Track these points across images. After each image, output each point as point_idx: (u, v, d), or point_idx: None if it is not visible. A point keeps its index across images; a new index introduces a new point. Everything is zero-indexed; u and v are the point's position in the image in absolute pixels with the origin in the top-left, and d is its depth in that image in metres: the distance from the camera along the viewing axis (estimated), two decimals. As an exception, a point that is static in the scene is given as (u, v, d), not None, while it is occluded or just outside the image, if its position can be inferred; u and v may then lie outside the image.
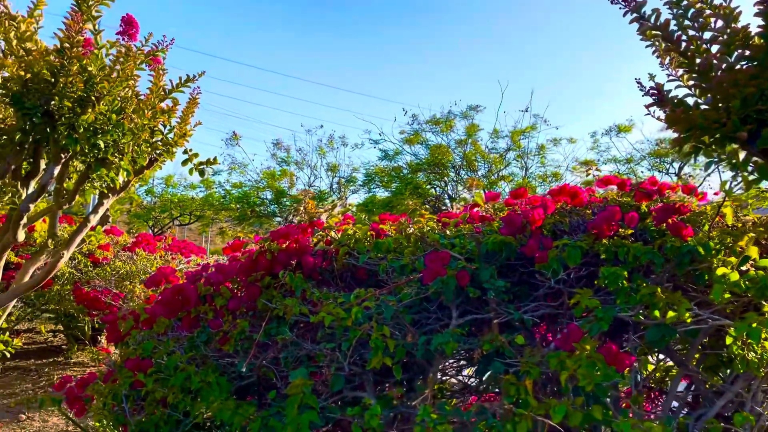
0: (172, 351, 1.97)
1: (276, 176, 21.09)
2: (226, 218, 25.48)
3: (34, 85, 2.54)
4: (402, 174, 18.48)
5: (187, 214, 25.72)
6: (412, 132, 18.33)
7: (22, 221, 2.83)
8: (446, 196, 18.57)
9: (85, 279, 4.49)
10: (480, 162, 17.70)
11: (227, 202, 22.64)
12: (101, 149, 2.68)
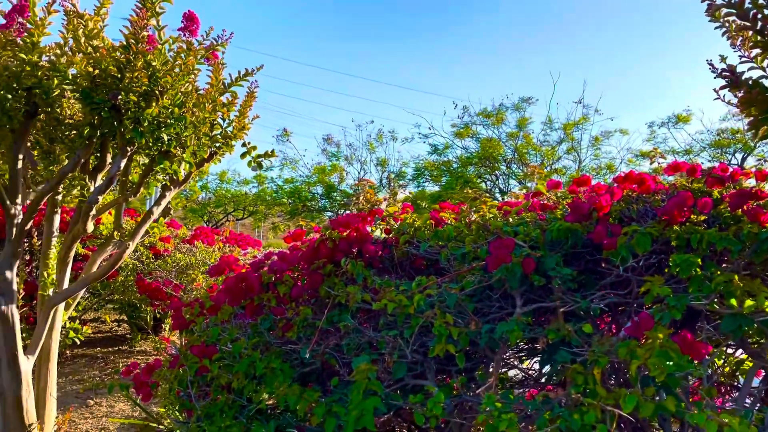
0: (236, 338, 2.01)
1: (326, 171, 21.30)
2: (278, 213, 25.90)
3: (102, 81, 2.63)
4: (452, 168, 18.36)
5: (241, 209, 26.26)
6: (463, 125, 18.18)
7: (91, 213, 2.93)
8: (497, 190, 18.37)
9: (147, 270, 4.64)
10: (532, 155, 17.42)
11: (279, 197, 23.01)
12: (165, 142, 2.75)
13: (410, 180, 20.39)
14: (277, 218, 27.87)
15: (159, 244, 4.76)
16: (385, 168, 21.08)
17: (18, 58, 2.55)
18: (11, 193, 2.91)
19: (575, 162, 17.55)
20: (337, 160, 21.63)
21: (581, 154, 17.47)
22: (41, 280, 3.30)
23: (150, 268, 4.66)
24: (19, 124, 2.71)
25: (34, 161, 3.14)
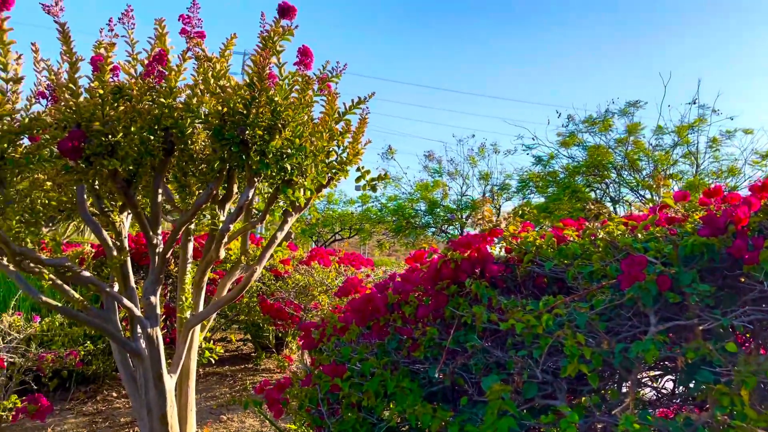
0: (365, 357, 2.09)
1: (429, 187, 21.41)
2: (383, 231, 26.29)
3: (230, 118, 2.84)
4: (558, 178, 17.88)
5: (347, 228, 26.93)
6: (568, 134, 17.68)
7: (223, 240, 3.15)
8: (608, 199, 17.66)
9: (269, 291, 4.88)
10: (644, 161, 16.62)
11: (384, 215, 23.38)
12: (288, 171, 2.92)
13: (515, 192, 20.06)
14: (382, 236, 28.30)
15: (279, 266, 5.00)
16: (488, 181, 20.88)
17: (158, 103, 2.81)
18: (153, 224, 3.18)
19: (692, 166, 16.56)
20: (439, 176, 21.69)
21: (698, 158, 16.45)
22: (179, 303, 3.57)
23: (272, 290, 4.90)
24: (159, 161, 2.97)
25: (170, 195, 3.42)
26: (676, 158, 16.58)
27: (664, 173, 16.20)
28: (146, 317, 3.20)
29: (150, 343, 3.21)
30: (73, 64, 2.73)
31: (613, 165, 16.80)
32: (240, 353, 5.74)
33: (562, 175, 17.83)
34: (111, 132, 2.73)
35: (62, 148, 2.63)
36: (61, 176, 3.07)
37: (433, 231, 22.31)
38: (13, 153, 2.75)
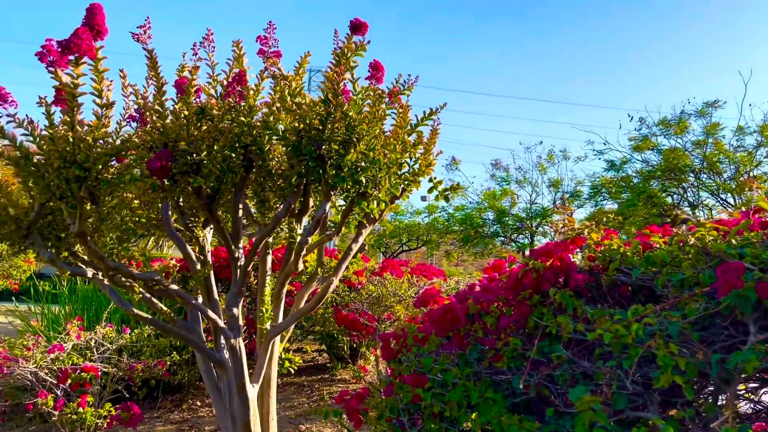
0: (446, 368, 2.09)
1: (497, 196, 21.16)
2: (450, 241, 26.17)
3: (307, 134, 2.91)
4: (632, 183, 17.30)
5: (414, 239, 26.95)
6: (641, 138, 17.10)
7: (302, 252, 3.23)
8: (686, 204, 16.94)
9: (344, 303, 4.95)
10: (724, 163, 15.85)
11: (451, 225, 23.28)
12: (362, 184, 2.97)
13: (586, 199, 19.54)
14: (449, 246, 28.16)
15: (353, 278, 5.07)
16: (558, 188, 20.45)
17: (238, 121, 2.92)
18: (235, 239, 3.30)
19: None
20: (507, 185, 21.41)
21: (785, 158, 15.54)
22: (259, 314, 3.68)
23: (345, 301, 4.97)
24: (240, 178, 3.08)
25: (249, 210, 3.54)
26: (760, 159, 15.74)
27: (746, 175, 15.41)
28: (229, 328, 3.32)
29: (233, 354, 3.32)
30: (160, 87, 2.88)
31: (690, 168, 16.12)
32: (315, 364, 5.83)
33: (636, 179, 17.24)
34: (195, 151, 2.86)
35: (151, 168, 2.77)
36: (148, 194, 3.24)
37: (501, 240, 22.03)
38: (106, 174, 2.92)
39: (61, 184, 2.68)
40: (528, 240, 20.58)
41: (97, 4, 2.53)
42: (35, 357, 3.81)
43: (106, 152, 2.66)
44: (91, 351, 4.17)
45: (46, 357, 3.83)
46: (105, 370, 3.96)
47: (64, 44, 2.41)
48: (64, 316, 5.26)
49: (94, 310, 5.38)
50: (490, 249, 22.56)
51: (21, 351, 3.93)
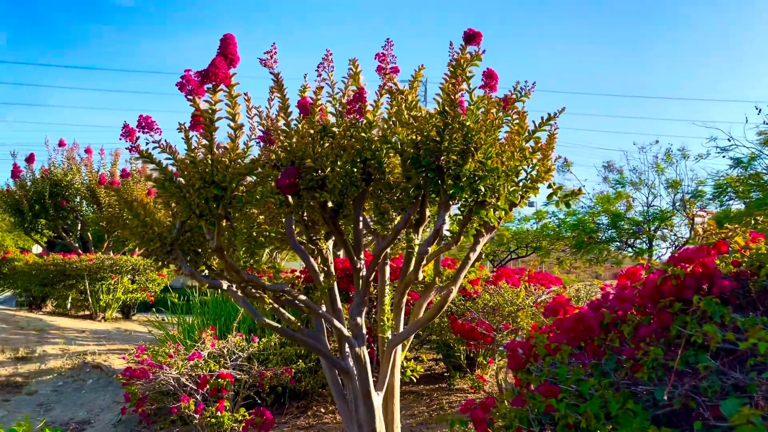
0: (582, 378, 2.05)
1: (611, 200, 20.25)
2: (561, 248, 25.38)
3: (424, 146, 2.96)
4: (762, 181, 15.98)
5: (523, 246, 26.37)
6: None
7: (422, 262, 3.28)
8: (828, 201, 15.40)
9: (460, 312, 4.96)
10: None
11: (562, 231, 22.59)
12: (481, 193, 2.97)
13: (710, 200, 18.26)
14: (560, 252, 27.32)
15: (468, 287, 5.07)
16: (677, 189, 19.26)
17: (358, 137, 3.03)
18: (356, 250, 3.41)
19: None
20: (621, 187, 20.45)
21: None
22: (380, 323, 3.76)
23: (461, 310, 4.97)
24: (361, 191, 3.19)
25: (367, 222, 3.64)
26: None
27: None
28: (354, 337, 3.42)
29: (358, 362, 3.42)
30: (286, 108, 3.04)
31: (833, 161, 14.66)
32: (432, 373, 5.86)
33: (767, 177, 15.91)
34: (320, 167, 2.99)
35: (280, 185, 2.93)
36: (273, 210, 3.42)
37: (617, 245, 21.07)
38: (237, 192, 3.12)
39: (201, 202, 2.90)
40: (646, 245, 19.54)
41: (229, 35, 2.72)
42: (177, 364, 4.12)
43: (240, 172, 2.85)
44: (224, 359, 4.44)
45: (187, 364, 4.12)
46: (238, 377, 4.20)
47: (203, 74, 2.62)
48: (198, 326, 5.63)
49: (224, 320, 5.72)
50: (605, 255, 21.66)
51: (164, 358, 4.26)
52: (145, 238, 3.27)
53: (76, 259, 9.73)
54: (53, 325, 8.34)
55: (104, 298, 9.72)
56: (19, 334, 7.46)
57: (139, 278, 10.21)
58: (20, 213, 11.28)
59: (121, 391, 5.57)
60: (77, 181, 11.55)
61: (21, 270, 9.91)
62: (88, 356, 6.71)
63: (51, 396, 5.69)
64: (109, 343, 7.65)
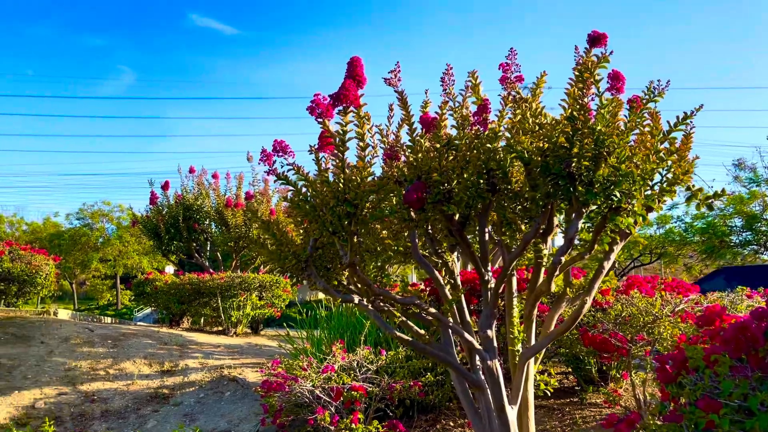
0: (747, 392, 1.91)
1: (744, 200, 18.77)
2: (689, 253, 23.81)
3: (553, 153, 2.90)
4: None
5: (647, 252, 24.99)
6: None
7: (555, 273, 3.20)
8: None
9: (590, 323, 4.76)
10: None
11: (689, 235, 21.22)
12: (616, 199, 2.86)
13: None
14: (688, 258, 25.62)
15: (599, 297, 4.87)
16: (824, 185, 17.52)
17: (483, 149, 3.02)
18: (483, 262, 3.38)
19: None
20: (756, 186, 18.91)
21: None
22: (509, 336, 3.70)
23: (592, 321, 4.78)
24: (487, 202, 3.17)
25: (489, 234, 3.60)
26: None
27: None
28: (485, 350, 3.39)
29: (490, 375, 3.38)
30: (411, 125, 3.10)
31: None
32: (562, 386, 5.67)
33: None
34: (447, 180, 3.01)
35: (408, 200, 2.98)
36: (395, 225, 3.48)
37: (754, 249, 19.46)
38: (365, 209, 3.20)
39: (334, 220, 3.01)
40: (789, 247, 17.90)
41: (356, 58, 2.82)
42: (311, 377, 4.27)
43: (371, 189, 2.93)
44: (354, 371, 4.54)
45: (320, 377, 4.27)
46: (369, 390, 4.28)
47: (334, 96, 2.73)
48: (325, 339, 5.82)
49: (349, 333, 5.86)
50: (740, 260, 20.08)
51: (299, 371, 4.43)
52: (281, 256, 3.44)
53: (209, 277, 10.38)
54: (191, 341, 8.93)
55: (235, 314, 10.28)
56: (163, 349, 8.04)
57: (266, 294, 10.72)
58: (158, 236, 12.23)
59: (256, 402, 5.86)
60: (207, 205, 12.36)
61: (161, 289, 10.73)
62: (224, 370, 7.11)
63: (194, 407, 6.08)
64: (242, 357, 8.06)
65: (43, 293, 8.98)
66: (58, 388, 6.41)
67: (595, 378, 5.36)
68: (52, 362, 7.12)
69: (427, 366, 4.87)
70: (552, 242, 3.65)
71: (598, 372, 5.41)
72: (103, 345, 7.96)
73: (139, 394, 6.44)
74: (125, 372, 7.05)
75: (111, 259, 36.51)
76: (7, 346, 7.47)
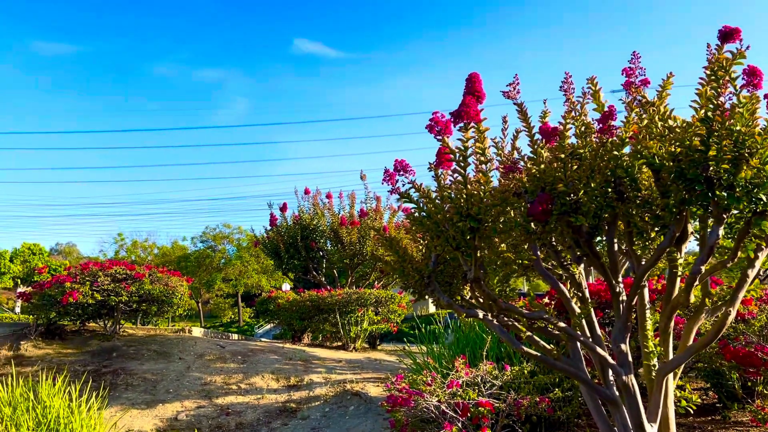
0: None
1: None
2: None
3: (686, 157, 2.76)
4: None
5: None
6: None
7: (694, 283, 3.03)
8: None
9: (733, 335, 4.45)
10: None
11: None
12: (761, 203, 2.67)
13: None
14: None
15: (740, 307, 4.53)
16: None
17: (611, 156, 2.93)
18: (614, 273, 3.27)
19: None
20: None
21: None
22: (644, 351, 3.53)
23: (734, 334, 4.46)
24: (616, 211, 3.06)
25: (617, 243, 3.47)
26: None
27: None
28: (619, 365, 3.25)
29: (626, 391, 3.24)
30: (532, 136, 3.07)
31: None
32: (701, 404, 5.31)
33: None
34: (573, 191, 2.94)
35: (533, 212, 2.94)
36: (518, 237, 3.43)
37: None
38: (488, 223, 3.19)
39: (457, 235, 3.03)
40: None
41: (474, 74, 2.85)
42: (436, 392, 4.28)
43: (494, 203, 2.93)
44: (478, 387, 4.51)
45: (445, 392, 4.27)
46: (495, 405, 4.23)
47: (455, 114, 2.77)
48: (447, 355, 5.81)
49: (470, 349, 5.83)
50: None
51: (423, 386, 4.46)
52: (404, 272, 3.51)
53: (327, 294, 10.71)
54: (314, 356, 9.24)
55: (353, 330, 10.52)
56: (288, 364, 8.38)
57: (382, 310, 10.89)
58: (278, 256, 12.81)
59: (380, 417, 5.96)
60: (322, 224, 12.81)
61: (284, 306, 11.21)
62: (347, 384, 7.29)
63: (321, 421, 6.27)
64: (363, 371, 8.23)
65: (179, 312, 9.66)
66: (196, 402, 6.85)
67: (740, 394, 4.97)
68: (190, 377, 7.62)
69: (553, 381, 4.75)
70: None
71: (742, 388, 5.02)
72: (234, 360, 8.42)
73: (269, 407, 6.75)
74: (255, 386, 7.41)
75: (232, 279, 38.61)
76: (150, 362, 8.09)
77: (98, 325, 9.88)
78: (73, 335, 9.31)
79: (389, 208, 12.94)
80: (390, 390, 4.86)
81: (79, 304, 8.34)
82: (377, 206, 12.51)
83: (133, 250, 40.48)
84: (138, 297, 8.83)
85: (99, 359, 8.17)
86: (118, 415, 6.17)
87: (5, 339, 8.76)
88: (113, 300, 8.59)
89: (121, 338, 9.26)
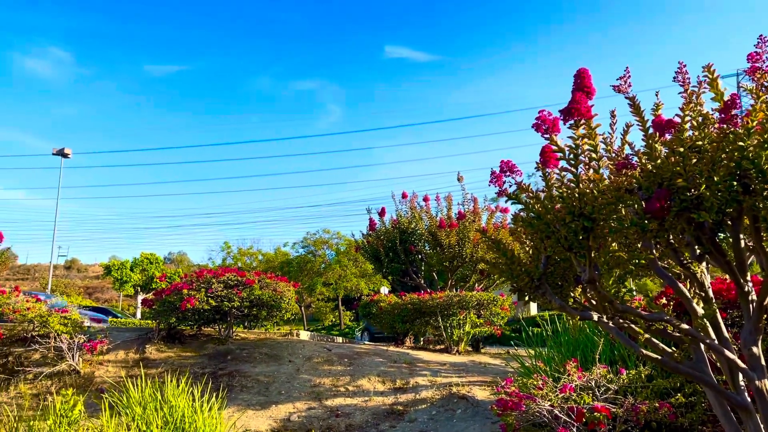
0: None
1: None
2: None
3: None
4: None
5: None
6: None
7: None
8: None
9: None
10: None
11: None
12: None
13: None
14: None
15: None
16: None
17: (735, 147, 2.75)
18: (741, 271, 3.07)
19: None
20: None
21: None
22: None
23: None
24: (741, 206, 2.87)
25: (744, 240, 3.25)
26: None
27: None
28: (751, 369, 3.05)
29: (759, 397, 3.03)
30: (647, 130, 2.94)
31: None
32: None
33: None
34: (693, 186, 2.79)
35: (651, 209, 2.82)
36: (633, 236, 3.29)
37: None
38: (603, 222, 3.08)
39: (570, 236, 2.95)
40: None
41: (583, 69, 2.77)
42: (548, 396, 4.19)
43: (609, 201, 2.83)
44: (592, 391, 4.37)
45: (558, 396, 4.17)
46: (612, 410, 4.09)
47: (564, 111, 2.71)
48: (557, 358, 5.67)
49: (581, 352, 5.65)
50: None
51: (534, 390, 4.38)
52: (513, 274, 3.46)
53: (429, 297, 10.73)
54: (418, 359, 9.28)
55: (456, 333, 10.48)
56: (393, 367, 8.48)
57: (484, 312, 10.77)
58: (378, 260, 13.00)
59: (488, 421, 5.90)
60: (420, 227, 12.87)
61: (386, 309, 11.35)
62: (453, 387, 7.27)
63: (428, 423, 6.30)
64: (468, 375, 8.18)
65: (287, 316, 10.02)
66: (307, 403, 7.08)
67: None
68: (300, 379, 7.89)
69: (674, 386, 4.51)
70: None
71: None
72: (341, 363, 8.62)
73: (377, 410, 6.85)
74: (362, 389, 7.55)
75: (332, 283, 39.50)
76: (262, 365, 8.45)
77: (213, 330, 10.43)
78: (191, 339, 9.89)
79: (487, 209, 12.80)
80: (499, 394, 4.80)
81: (195, 310, 8.85)
82: (475, 208, 12.40)
83: (239, 257, 42.39)
84: (249, 302, 9.25)
85: (215, 362, 8.63)
86: (236, 415, 6.48)
87: (132, 343, 9.44)
88: (226, 305, 9.04)
89: (234, 342, 9.73)
